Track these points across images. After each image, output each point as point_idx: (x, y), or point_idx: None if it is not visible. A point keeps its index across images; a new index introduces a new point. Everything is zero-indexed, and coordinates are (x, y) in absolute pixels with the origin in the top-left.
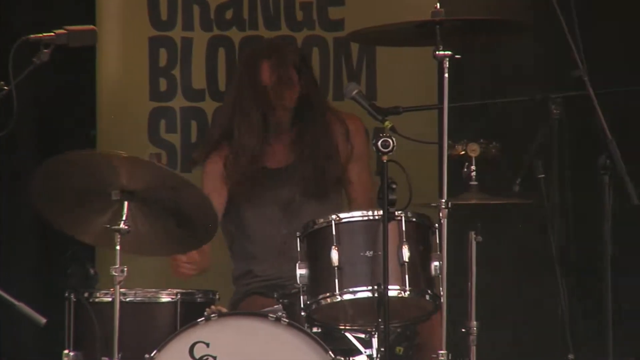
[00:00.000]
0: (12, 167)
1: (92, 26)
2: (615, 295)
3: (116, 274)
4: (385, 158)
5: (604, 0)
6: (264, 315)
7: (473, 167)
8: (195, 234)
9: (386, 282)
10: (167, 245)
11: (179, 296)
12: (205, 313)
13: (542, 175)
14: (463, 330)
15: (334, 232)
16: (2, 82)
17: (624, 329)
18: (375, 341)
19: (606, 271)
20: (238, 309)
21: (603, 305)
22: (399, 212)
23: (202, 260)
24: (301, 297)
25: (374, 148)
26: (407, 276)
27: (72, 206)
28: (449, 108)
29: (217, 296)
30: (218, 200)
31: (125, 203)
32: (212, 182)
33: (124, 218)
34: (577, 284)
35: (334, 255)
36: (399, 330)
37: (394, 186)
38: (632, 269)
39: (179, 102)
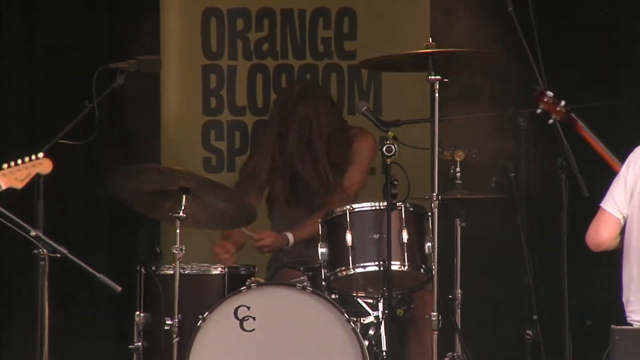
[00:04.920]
0: (92, 165)
1: (157, 56)
2: (570, 269)
3: (176, 252)
4: (389, 160)
5: (562, 29)
6: (292, 285)
7: (458, 169)
8: (239, 216)
9: (389, 259)
10: (218, 222)
11: (226, 270)
12: (247, 283)
13: (513, 174)
14: (450, 296)
15: (348, 219)
16: (87, 101)
17: (579, 296)
18: (380, 305)
19: (563, 249)
20: (273, 280)
21: (561, 277)
22: (400, 203)
23: (234, 253)
24: (322, 270)
25: (380, 153)
26: (406, 254)
27: (144, 196)
28: (439, 121)
29: (257, 269)
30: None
31: (184, 196)
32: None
33: (182, 208)
34: (541, 260)
35: (348, 237)
36: (399, 296)
37: (395, 182)
38: (584, 248)
39: (225, 116)
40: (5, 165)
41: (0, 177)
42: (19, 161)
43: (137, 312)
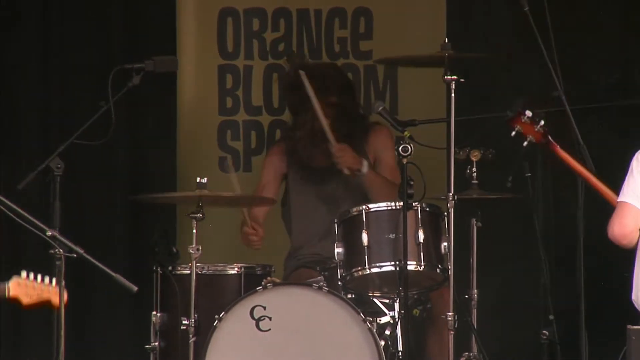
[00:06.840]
0: (108, 165)
1: (173, 56)
2: (587, 268)
3: (193, 252)
4: (405, 160)
5: (578, 28)
6: (309, 285)
7: (474, 169)
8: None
9: (405, 259)
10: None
11: (242, 269)
12: (263, 283)
13: (529, 174)
14: (466, 296)
15: (364, 219)
16: (102, 101)
17: (594, 295)
18: (396, 305)
19: (579, 249)
20: (289, 280)
21: (576, 276)
22: (416, 203)
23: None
24: (338, 270)
25: (396, 153)
26: (422, 254)
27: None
28: (455, 121)
29: (273, 269)
30: (272, 190)
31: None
32: (269, 175)
33: (199, 208)
34: (556, 259)
35: (364, 237)
36: (415, 296)
37: (411, 182)
38: (599, 248)
39: (241, 116)
40: (23, 274)
41: (13, 285)
42: (39, 277)
43: (154, 312)
